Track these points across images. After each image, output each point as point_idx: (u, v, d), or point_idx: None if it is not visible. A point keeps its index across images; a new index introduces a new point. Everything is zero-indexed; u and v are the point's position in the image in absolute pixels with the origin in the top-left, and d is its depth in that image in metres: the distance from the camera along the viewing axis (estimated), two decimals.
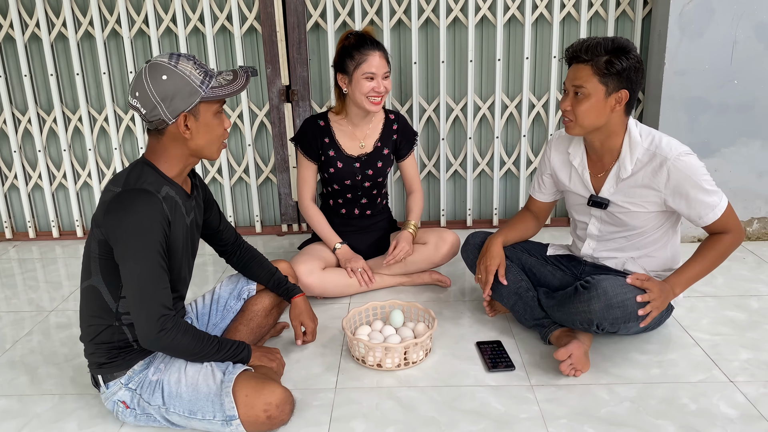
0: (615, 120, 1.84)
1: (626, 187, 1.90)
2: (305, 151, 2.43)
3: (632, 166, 1.86)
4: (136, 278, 1.50)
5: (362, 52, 2.25)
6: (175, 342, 1.54)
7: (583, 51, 1.78)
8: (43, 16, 2.92)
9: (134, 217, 1.48)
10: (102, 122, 3.09)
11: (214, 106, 1.56)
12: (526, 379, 1.86)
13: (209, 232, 1.89)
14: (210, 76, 1.54)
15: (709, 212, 1.83)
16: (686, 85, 2.70)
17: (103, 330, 1.62)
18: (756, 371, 1.86)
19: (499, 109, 3.01)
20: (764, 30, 2.61)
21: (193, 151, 1.59)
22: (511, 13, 2.89)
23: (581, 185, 2.00)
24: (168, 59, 1.51)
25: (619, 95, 1.79)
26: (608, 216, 1.97)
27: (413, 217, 2.53)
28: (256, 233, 3.25)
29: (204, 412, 1.58)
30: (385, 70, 2.28)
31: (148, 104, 1.50)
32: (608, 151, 1.91)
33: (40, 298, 2.57)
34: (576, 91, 1.81)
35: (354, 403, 1.78)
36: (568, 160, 2.02)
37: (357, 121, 2.42)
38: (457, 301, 2.40)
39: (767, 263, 2.63)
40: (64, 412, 1.78)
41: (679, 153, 1.80)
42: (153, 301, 1.51)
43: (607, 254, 2.03)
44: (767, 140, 2.75)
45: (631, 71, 1.77)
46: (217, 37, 2.98)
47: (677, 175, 1.80)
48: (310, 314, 2.02)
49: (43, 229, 3.33)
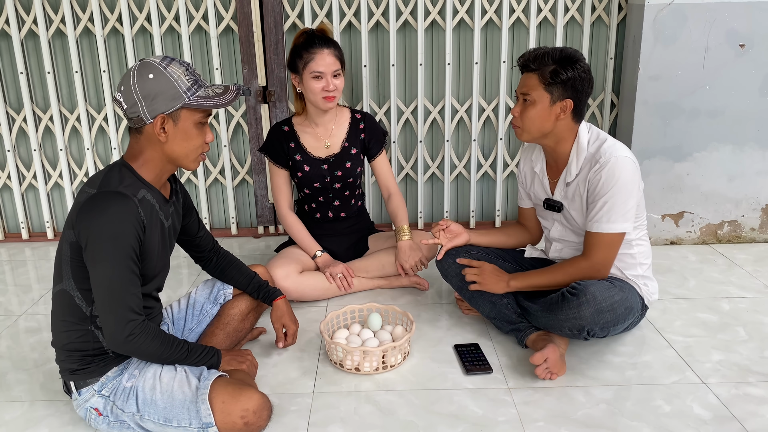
0: (562, 127, 1.89)
1: (570, 191, 1.95)
2: (274, 158, 2.42)
3: (576, 171, 1.91)
4: (105, 282, 1.48)
5: (310, 51, 2.23)
6: (143, 347, 1.53)
7: (531, 60, 1.85)
8: (13, 13, 2.85)
9: (107, 220, 1.46)
10: (74, 122, 3.03)
11: (197, 115, 1.54)
12: (504, 382, 1.87)
13: (186, 238, 1.86)
14: (199, 86, 1.53)
15: (602, 221, 1.84)
16: (660, 91, 2.74)
17: (76, 336, 1.58)
18: (727, 372, 1.90)
19: (476, 112, 3.02)
20: (735, 37, 2.67)
21: (168, 157, 1.56)
22: (489, 17, 2.91)
23: (542, 190, 2.07)
24: (160, 61, 1.51)
25: (564, 104, 1.85)
26: (565, 219, 2.02)
27: (402, 220, 2.47)
28: (231, 235, 3.21)
29: (180, 420, 1.56)
30: (334, 69, 2.25)
31: (130, 99, 1.49)
32: (560, 155, 1.96)
33: (9, 302, 2.50)
34: (524, 98, 1.87)
35: (332, 408, 1.77)
36: (532, 168, 2.07)
37: (318, 121, 2.40)
38: (434, 303, 2.40)
39: (737, 266, 2.68)
40: (34, 420, 1.74)
41: (618, 155, 1.83)
42: (121, 305, 1.49)
43: (572, 255, 2.05)
44: (737, 145, 2.80)
45: (577, 81, 1.82)
46: (193, 37, 2.94)
47: (608, 173, 1.83)
48: (292, 317, 2.00)
49: (12, 231, 3.25)
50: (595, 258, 1.88)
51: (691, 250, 2.88)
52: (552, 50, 1.84)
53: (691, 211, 2.89)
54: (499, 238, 2.22)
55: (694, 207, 2.89)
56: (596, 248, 1.88)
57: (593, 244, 1.88)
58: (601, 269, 1.89)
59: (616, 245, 1.88)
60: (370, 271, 2.48)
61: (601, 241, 1.86)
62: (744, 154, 2.81)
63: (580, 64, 1.83)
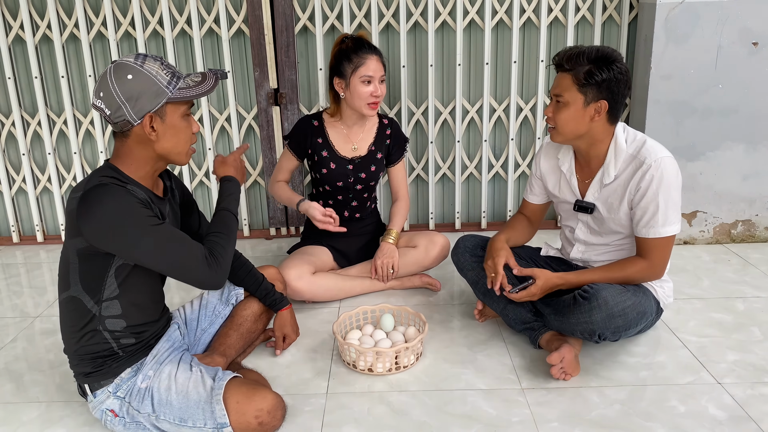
0: (597, 128, 1.84)
1: (607, 193, 1.91)
2: (293, 148, 2.44)
3: (616, 172, 1.88)
4: (155, 253, 1.49)
5: (360, 56, 2.25)
6: (226, 261, 1.60)
7: (566, 60, 1.79)
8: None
9: (108, 207, 1.45)
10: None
11: (181, 107, 1.54)
12: (517, 382, 1.87)
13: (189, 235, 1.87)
14: (177, 77, 1.51)
15: (657, 226, 1.82)
16: (672, 90, 2.73)
17: (86, 339, 1.59)
18: (743, 373, 1.88)
19: (487, 112, 3.02)
20: (748, 35, 2.65)
21: (159, 155, 1.56)
22: (499, 18, 2.91)
23: (569, 190, 2.02)
24: (134, 59, 1.48)
25: (598, 105, 1.79)
26: (594, 221, 1.99)
27: (395, 225, 2.50)
28: (244, 237, 3.23)
29: (195, 420, 1.57)
30: (381, 74, 2.28)
31: (113, 104, 1.47)
32: (594, 157, 1.92)
33: (25, 304, 2.53)
34: (557, 99, 1.83)
35: (345, 408, 1.77)
36: (557, 166, 2.03)
37: (351, 124, 2.42)
38: (447, 304, 2.40)
39: (751, 265, 2.66)
40: (51, 420, 1.76)
41: (662, 157, 1.81)
42: (189, 255, 1.53)
43: (597, 257, 2.04)
44: (751, 144, 2.78)
45: (612, 82, 1.76)
46: (205, 40, 2.96)
47: (657, 177, 1.80)
48: (294, 327, 2.02)
49: (27, 234, 3.28)
50: (654, 260, 1.86)
51: (704, 249, 2.86)
52: (588, 49, 1.77)
53: (705, 210, 2.88)
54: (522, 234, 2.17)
55: (707, 206, 2.87)
56: (654, 251, 1.85)
57: (651, 248, 1.85)
58: (660, 271, 1.89)
59: (671, 245, 1.86)
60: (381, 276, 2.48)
61: (657, 245, 1.84)
62: (758, 152, 2.79)
63: (617, 65, 1.76)
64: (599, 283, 1.85)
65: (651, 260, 1.86)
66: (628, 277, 1.88)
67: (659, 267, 1.88)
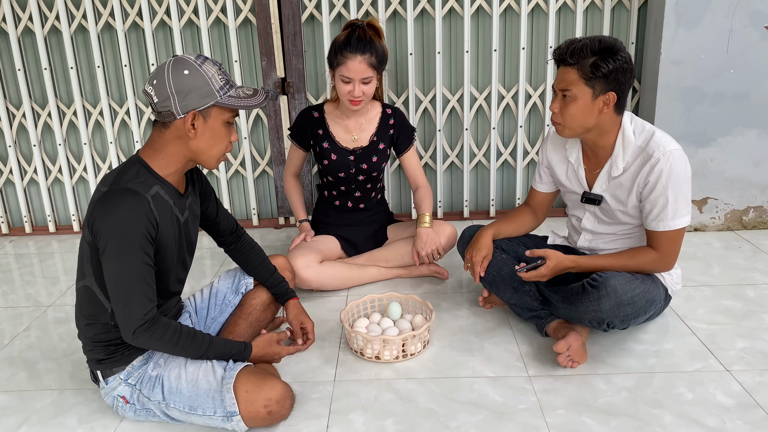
0: (605, 120, 1.82)
1: (616, 184, 1.90)
2: (295, 138, 2.49)
3: (624, 165, 1.86)
4: (115, 278, 1.50)
5: (343, 54, 2.22)
6: (149, 343, 1.54)
7: (569, 54, 1.75)
8: (36, 11, 2.90)
9: (115, 217, 1.47)
10: (97, 116, 3.07)
11: (226, 114, 1.57)
12: (524, 370, 1.87)
13: (207, 223, 1.89)
14: (230, 86, 1.55)
15: (668, 219, 1.81)
16: (682, 75, 2.70)
17: (98, 329, 1.62)
18: (752, 360, 1.88)
19: (495, 99, 3.00)
20: (760, 19, 2.61)
21: (192, 153, 1.58)
22: (507, 4, 2.87)
23: (576, 181, 2.00)
24: (195, 58, 1.52)
25: (606, 97, 1.77)
26: (602, 211, 1.98)
27: (426, 208, 2.46)
28: (253, 226, 3.25)
29: (204, 408, 1.59)
30: (363, 76, 2.23)
31: (162, 94, 1.50)
32: (602, 148, 1.90)
33: (38, 294, 2.57)
34: (563, 94, 1.80)
35: (353, 396, 1.79)
36: (565, 156, 2.02)
37: (349, 114, 2.42)
38: (454, 292, 2.40)
39: (763, 252, 2.64)
40: (64, 408, 1.79)
41: (671, 149, 1.79)
42: (131, 301, 1.50)
43: (605, 246, 2.03)
44: (763, 129, 2.75)
45: (619, 72, 1.74)
46: (212, 30, 2.96)
47: (666, 170, 1.78)
48: (307, 315, 2.03)
49: (39, 224, 3.32)
50: (665, 252, 1.85)
51: (715, 236, 2.84)
52: (590, 41, 1.74)
53: (716, 197, 2.85)
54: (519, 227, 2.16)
55: (718, 193, 2.84)
56: (665, 244, 1.84)
57: (662, 241, 1.84)
58: (671, 262, 1.88)
59: (682, 237, 1.85)
60: (389, 261, 2.49)
61: (668, 237, 1.83)
62: None
63: (621, 54, 1.73)
64: (608, 271, 1.84)
65: (662, 252, 1.85)
66: (639, 267, 1.87)
67: (670, 258, 1.87)
